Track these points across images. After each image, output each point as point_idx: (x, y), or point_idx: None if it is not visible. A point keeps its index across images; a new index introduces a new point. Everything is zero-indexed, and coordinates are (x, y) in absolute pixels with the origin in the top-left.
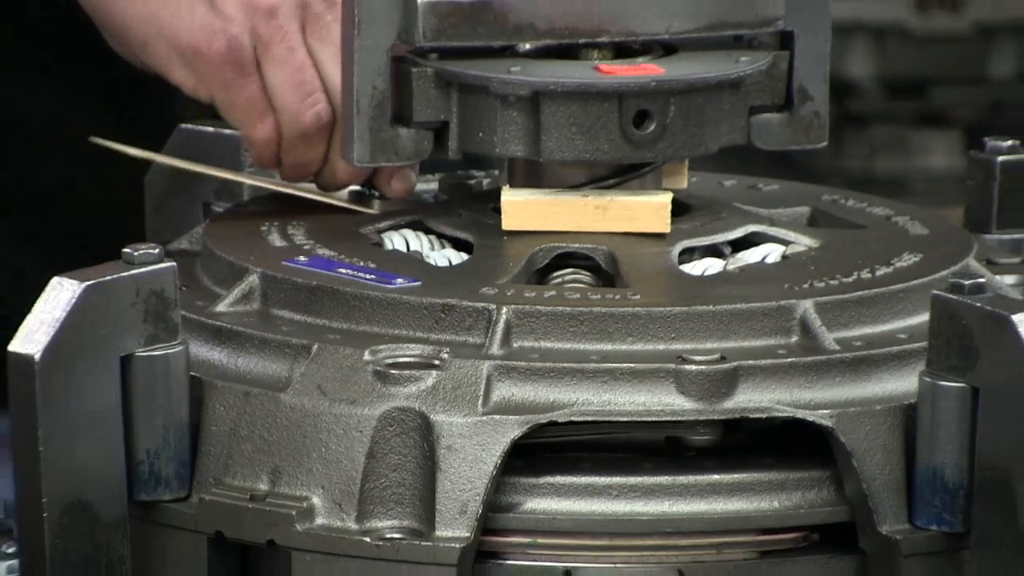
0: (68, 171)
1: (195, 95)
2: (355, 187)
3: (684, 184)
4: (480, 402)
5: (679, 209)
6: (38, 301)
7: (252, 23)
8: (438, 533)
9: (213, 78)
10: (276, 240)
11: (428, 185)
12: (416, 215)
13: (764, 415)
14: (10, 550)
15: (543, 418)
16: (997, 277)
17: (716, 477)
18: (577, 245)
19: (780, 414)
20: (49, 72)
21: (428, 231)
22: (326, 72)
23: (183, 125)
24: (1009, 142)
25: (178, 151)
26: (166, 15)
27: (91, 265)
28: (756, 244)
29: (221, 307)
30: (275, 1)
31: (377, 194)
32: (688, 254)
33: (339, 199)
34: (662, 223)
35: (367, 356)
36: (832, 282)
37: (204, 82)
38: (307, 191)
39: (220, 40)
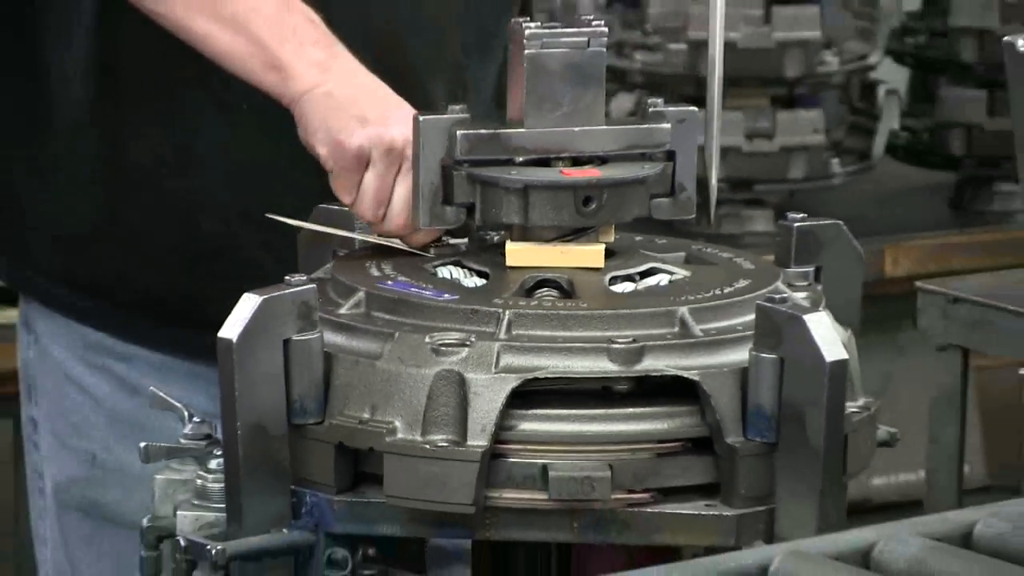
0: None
1: (324, 164)
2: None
3: (612, 239)
4: (493, 366)
5: (609, 253)
6: (236, 306)
7: (378, 146)
8: (468, 443)
9: (340, 160)
10: (374, 271)
11: (463, 239)
12: (456, 257)
13: (659, 374)
14: (218, 452)
15: (530, 375)
16: (795, 294)
17: (631, 410)
18: (550, 274)
19: (669, 373)
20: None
21: (463, 266)
22: (396, 193)
23: (320, 205)
24: (801, 215)
25: (317, 219)
26: (334, 121)
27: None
28: (654, 274)
29: (342, 311)
30: (400, 145)
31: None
32: (615, 280)
33: (410, 247)
34: (599, 262)
35: (427, 339)
36: (699, 296)
37: (332, 159)
38: (391, 243)
39: (356, 143)
